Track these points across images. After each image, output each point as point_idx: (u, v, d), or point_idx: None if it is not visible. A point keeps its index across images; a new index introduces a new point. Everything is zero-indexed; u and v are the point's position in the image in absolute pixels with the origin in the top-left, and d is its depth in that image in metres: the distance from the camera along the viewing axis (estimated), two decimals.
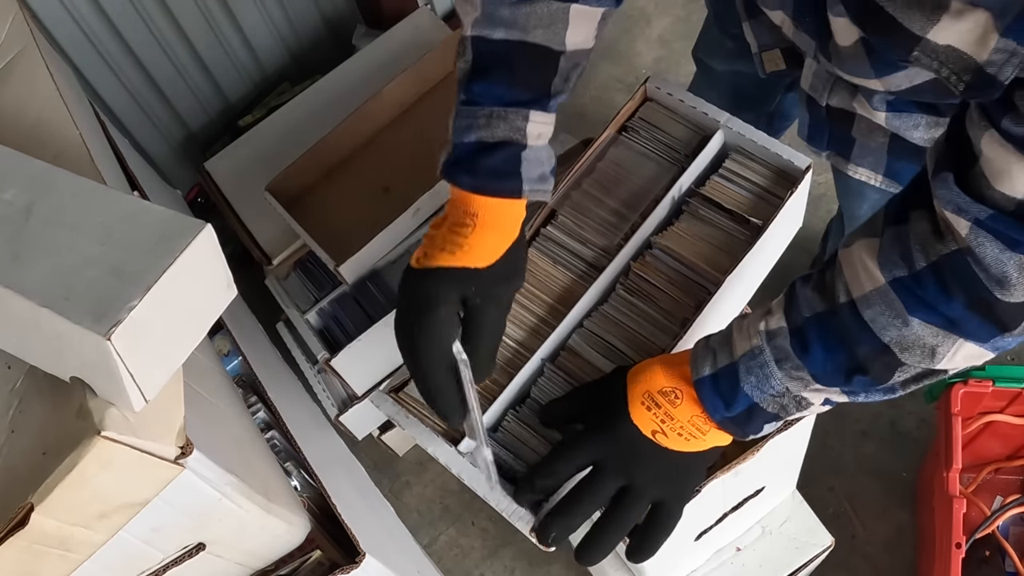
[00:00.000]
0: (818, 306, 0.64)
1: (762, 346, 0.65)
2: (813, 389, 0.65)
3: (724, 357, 0.67)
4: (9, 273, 0.57)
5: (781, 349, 0.65)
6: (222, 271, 0.61)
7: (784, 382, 0.65)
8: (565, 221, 0.85)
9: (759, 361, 0.65)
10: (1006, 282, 0.55)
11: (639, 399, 0.68)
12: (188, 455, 0.63)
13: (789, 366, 0.65)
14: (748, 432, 0.68)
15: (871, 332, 0.61)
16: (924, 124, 0.83)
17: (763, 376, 0.65)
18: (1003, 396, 1.29)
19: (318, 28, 1.72)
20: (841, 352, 0.63)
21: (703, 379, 0.67)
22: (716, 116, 0.86)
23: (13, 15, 0.85)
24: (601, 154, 0.88)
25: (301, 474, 0.96)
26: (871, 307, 0.60)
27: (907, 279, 0.59)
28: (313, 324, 1.31)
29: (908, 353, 0.61)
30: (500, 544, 1.51)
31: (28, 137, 0.75)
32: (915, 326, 0.59)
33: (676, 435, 0.68)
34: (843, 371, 0.63)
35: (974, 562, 1.29)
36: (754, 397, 0.66)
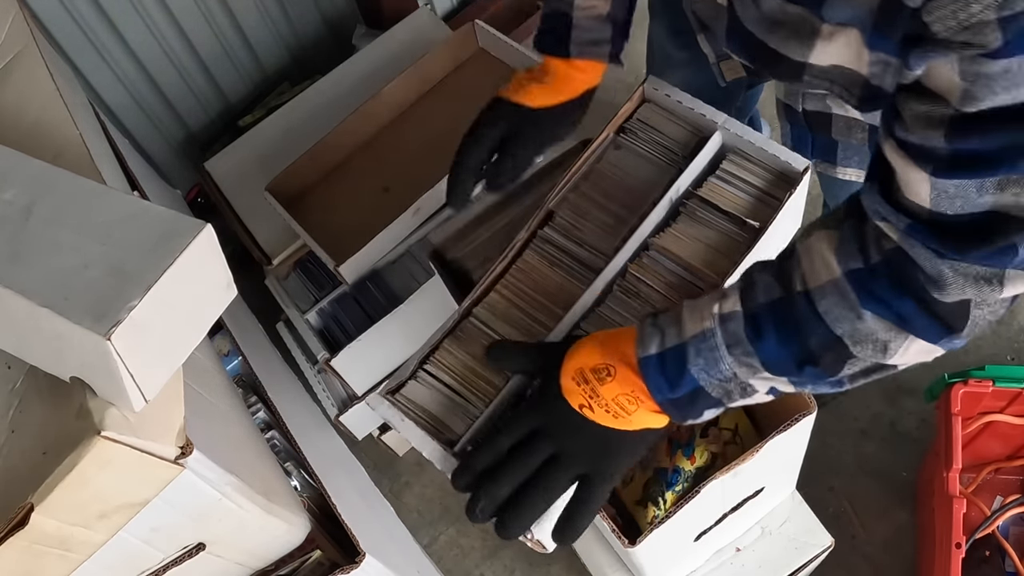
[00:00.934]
0: (775, 293, 0.63)
1: (714, 329, 0.65)
2: (761, 377, 0.65)
3: (672, 337, 0.66)
4: (9, 273, 0.57)
5: (734, 334, 0.64)
6: (222, 271, 0.62)
7: (733, 367, 0.65)
8: (562, 223, 0.85)
9: (710, 344, 0.65)
10: (942, 283, 0.56)
11: (571, 374, 0.69)
12: (188, 455, 0.63)
13: (740, 352, 0.64)
14: (688, 416, 0.68)
15: (825, 324, 0.61)
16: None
17: (712, 360, 0.65)
18: (1003, 396, 1.29)
19: (318, 28, 1.72)
20: (794, 342, 0.62)
21: (649, 358, 0.67)
22: (714, 117, 0.86)
23: (13, 15, 0.85)
24: (599, 156, 0.88)
25: (301, 474, 0.96)
26: (826, 298, 0.60)
27: (862, 272, 0.59)
28: (313, 324, 1.31)
29: (860, 347, 0.61)
30: (500, 544, 1.51)
31: (28, 137, 0.75)
32: (868, 320, 0.59)
33: (602, 411, 0.68)
34: (795, 360, 0.63)
35: (974, 562, 1.29)
36: (700, 380, 0.65)
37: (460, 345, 0.80)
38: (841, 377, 0.63)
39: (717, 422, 1.06)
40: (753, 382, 0.65)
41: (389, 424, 0.77)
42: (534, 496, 0.68)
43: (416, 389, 0.79)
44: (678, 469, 1.03)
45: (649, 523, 0.95)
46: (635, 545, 0.92)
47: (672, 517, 0.92)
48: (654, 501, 1.03)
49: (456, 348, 0.80)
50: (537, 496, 0.68)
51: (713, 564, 1.18)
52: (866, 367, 0.63)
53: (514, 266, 0.84)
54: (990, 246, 0.53)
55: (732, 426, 1.07)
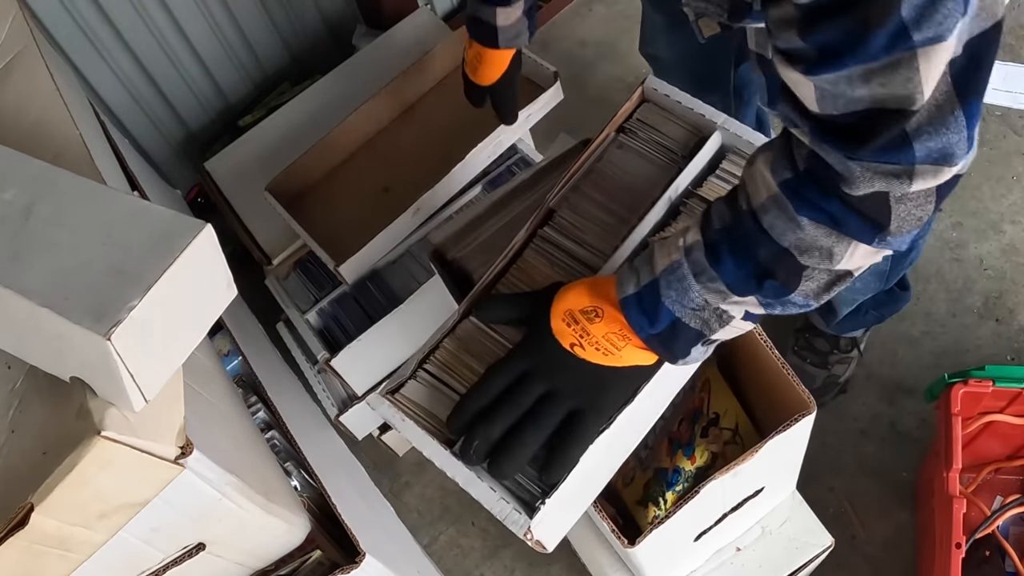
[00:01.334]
0: (727, 218, 0.67)
1: (680, 260, 0.68)
2: (731, 301, 0.68)
3: (646, 275, 0.70)
4: (9, 273, 0.57)
5: (697, 262, 0.68)
6: (222, 271, 0.62)
7: (703, 294, 0.68)
8: (562, 222, 0.85)
9: (678, 275, 0.68)
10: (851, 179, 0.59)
11: (560, 315, 0.73)
12: (188, 455, 0.63)
13: (705, 278, 0.67)
14: (675, 353, 0.71)
15: (771, 238, 0.64)
16: None
17: (682, 289, 0.68)
18: (1003, 396, 1.29)
19: (318, 28, 1.72)
20: (748, 260, 0.65)
21: (628, 298, 0.71)
22: (713, 117, 0.86)
23: (13, 15, 0.85)
24: (600, 155, 0.88)
25: (301, 474, 0.96)
26: (768, 213, 0.63)
27: (792, 180, 0.62)
28: (313, 324, 1.31)
29: (807, 255, 0.63)
30: (500, 544, 1.51)
31: (28, 137, 0.75)
32: (806, 227, 0.62)
33: (593, 349, 0.72)
34: (753, 277, 0.66)
35: (974, 562, 1.28)
36: (675, 312, 0.69)
37: (460, 345, 0.80)
38: (803, 292, 0.66)
39: (717, 422, 1.06)
40: (725, 307, 0.69)
41: (389, 424, 0.77)
42: (526, 433, 0.71)
43: (416, 389, 0.79)
44: (678, 469, 1.03)
45: (649, 523, 0.95)
46: (635, 545, 0.92)
47: (672, 517, 0.92)
48: (654, 501, 1.03)
49: (456, 348, 0.80)
50: (528, 433, 0.71)
51: (713, 564, 1.18)
52: (823, 281, 0.65)
53: (514, 265, 0.84)
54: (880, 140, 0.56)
55: (732, 426, 1.07)
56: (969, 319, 1.59)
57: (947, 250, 1.64)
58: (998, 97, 1.74)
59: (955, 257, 1.64)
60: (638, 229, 0.82)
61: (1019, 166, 1.70)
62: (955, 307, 1.60)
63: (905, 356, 1.57)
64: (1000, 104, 1.74)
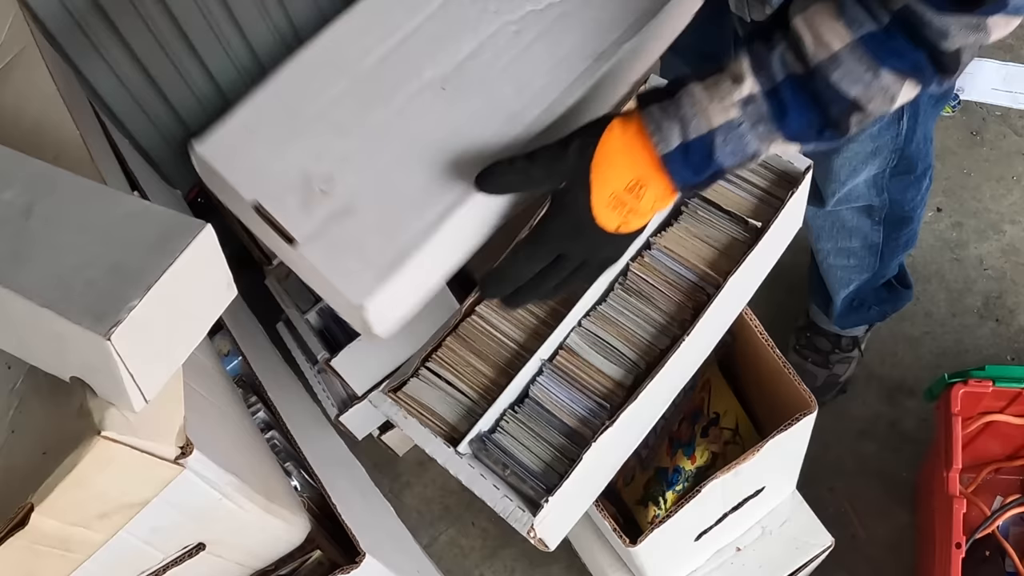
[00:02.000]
0: (794, 67, 0.65)
1: (741, 118, 0.66)
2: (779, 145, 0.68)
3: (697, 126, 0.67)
4: (9, 273, 0.57)
5: (755, 113, 0.66)
6: (222, 271, 0.61)
7: (755, 144, 0.67)
8: None
9: (739, 131, 0.67)
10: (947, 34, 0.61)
11: (605, 201, 0.69)
12: (188, 455, 0.63)
13: (763, 129, 0.67)
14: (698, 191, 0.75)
15: (838, 91, 0.64)
16: None
17: (740, 145, 0.67)
18: (1003, 396, 1.28)
19: (318, 28, 1.71)
20: (814, 110, 0.65)
21: (673, 153, 0.67)
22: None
23: (13, 15, 0.85)
24: None
25: (301, 474, 0.96)
26: (841, 66, 0.63)
27: (877, 33, 0.62)
28: (313, 324, 1.31)
29: (872, 102, 0.65)
30: (500, 544, 1.51)
31: (28, 137, 0.75)
32: (884, 76, 0.63)
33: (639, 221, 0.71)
34: (815, 128, 0.66)
35: (974, 562, 1.28)
36: (725, 163, 0.68)
37: (462, 343, 0.80)
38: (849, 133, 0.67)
39: (718, 422, 1.06)
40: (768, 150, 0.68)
41: (392, 422, 0.77)
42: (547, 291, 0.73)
43: (419, 387, 0.79)
44: (679, 469, 1.03)
45: (650, 523, 0.95)
46: (636, 545, 0.92)
47: (673, 517, 0.92)
48: (655, 501, 1.03)
49: (458, 346, 0.80)
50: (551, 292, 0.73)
51: (713, 564, 1.18)
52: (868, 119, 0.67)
53: None
54: None
55: (732, 426, 1.07)
56: (969, 319, 1.59)
57: (947, 250, 1.64)
58: (998, 97, 1.74)
59: (955, 257, 1.64)
60: None
61: (1019, 166, 1.70)
62: (955, 307, 1.60)
63: (905, 356, 1.57)
64: (1000, 104, 1.74)
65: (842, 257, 1.31)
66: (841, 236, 1.27)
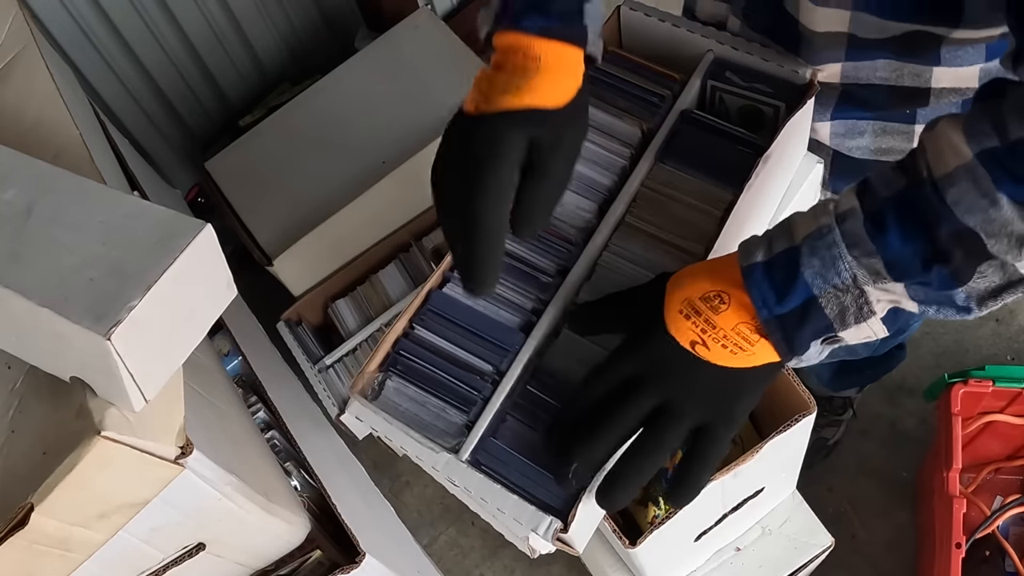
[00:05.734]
0: (898, 184, 0.56)
1: (831, 225, 0.57)
2: (882, 286, 0.57)
3: (782, 242, 0.58)
4: (9, 273, 0.57)
5: (852, 232, 0.56)
6: (222, 271, 0.61)
7: (853, 268, 0.56)
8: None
9: (827, 241, 0.57)
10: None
11: (677, 307, 0.60)
12: (188, 455, 0.63)
13: (859, 252, 0.56)
14: (794, 344, 0.59)
15: (953, 214, 0.54)
16: (870, 131, 0.81)
17: (829, 259, 0.57)
18: (1003, 396, 1.29)
19: (318, 28, 1.72)
20: (921, 236, 0.55)
21: (755, 266, 0.58)
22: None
23: (13, 15, 0.85)
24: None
25: (301, 474, 0.96)
26: (955, 185, 0.53)
27: (998, 150, 0.52)
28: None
29: (995, 240, 0.54)
30: (500, 544, 1.51)
31: (28, 137, 0.75)
32: (1004, 206, 0.52)
33: (719, 347, 0.59)
34: (921, 258, 0.55)
35: (974, 562, 1.28)
36: (814, 287, 0.57)
37: None
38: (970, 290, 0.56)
39: None
40: (872, 294, 0.57)
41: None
42: (640, 458, 0.59)
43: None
44: None
45: (649, 523, 0.95)
46: (636, 546, 0.92)
47: (672, 517, 0.92)
48: (654, 501, 1.03)
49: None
50: (644, 458, 0.59)
51: (713, 564, 1.18)
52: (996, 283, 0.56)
53: None
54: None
55: None
56: (969, 319, 1.59)
57: None
58: None
59: None
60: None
61: None
62: None
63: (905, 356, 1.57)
64: None
65: None
66: None
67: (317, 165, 1.37)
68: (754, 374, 0.60)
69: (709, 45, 0.81)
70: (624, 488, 0.60)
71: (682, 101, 0.79)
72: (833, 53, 0.75)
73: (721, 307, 0.59)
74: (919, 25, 0.69)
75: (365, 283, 1.40)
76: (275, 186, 1.36)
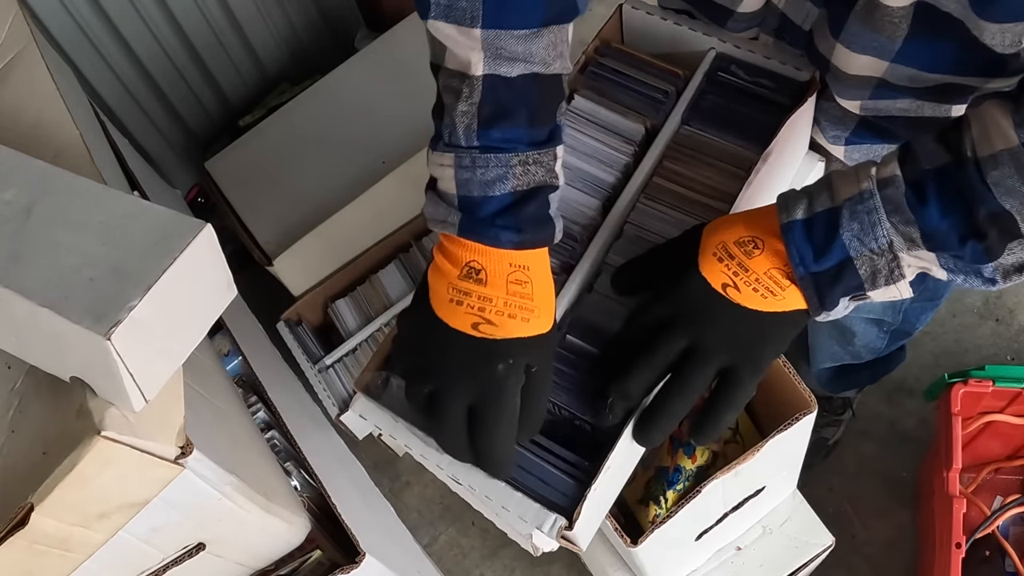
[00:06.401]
0: (941, 159, 0.57)
1: (872, 190, 0.58)
2: (915, 253, 0.59)
3: (823, 201, 0.60)
4: (9, 273, 0.57)
5: (892, 199, 0.58)
6: (222, 271, 0.61)
7: (890, 235, 0.58)
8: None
9: (868, 206, 0.58)
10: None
11: (711, 250, 0.62)
12: (188, 455, 0.63)
13: (899, 219, 0.58)
14: (825, 300, 0.60)
15: (992, 195, 0.55)
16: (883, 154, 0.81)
17: (869, 224, 0.58)
18: (1003, 396, 1.29)
19: (318, 28, 1.72)
20: (959, 212, 0.56)
21: (794, 223, 0.60)
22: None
23: (13, 15, 0.85)
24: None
25: (301, 474, 0.96)
26: (998, 167, 0.55)
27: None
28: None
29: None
30: (500, 544, 1.51)
31: (28, 137, 0.75)
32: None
33: (751, 290, 0.61)
34: (958, 233, 0.57)
35: (974, 562, 1.28)
36: (850, 249, 0.59)
37: None
38: (999, 265, 0.58)
39: None
40: (905, 259, 0.59)
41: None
42: (673, 399, 0.62)
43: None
44: (679, 468, 1.03)
45: (650, 522, 0.95)
46: (638, 545, 0.92)
47: (673, 517, 0.92)
48: (655, 500, 1.03)
49: None
50: (676, 399, 0.61)
51: (714, 563, 1.18)
52: (1022, 259, 0.58)
53: None
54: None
55: (733, 425, 1.07)
56: (969, 319, 1.59)
57: None
58: None
59: None
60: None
61: None
62: (955, 307, 1.60)
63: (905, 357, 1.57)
64: None
65: (837, 346, 1.26)
66: (843, 338, 1.23)
67: (317, 165, 1.37)
68: (782, 319, 0.61)
69: (711, 43, 0.81)
70: (658, 427, 0.62)
71: (685, 97, 0.79)
72: (859, 92, 0.75)
73: (755, 252, 0.61)
74: (958, 79, 0.69)
75: (365, 283, 1.40)
76: (275, 186, 1.36)
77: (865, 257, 0.59)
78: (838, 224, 0.59)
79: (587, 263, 0.73)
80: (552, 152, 0.62)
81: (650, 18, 0.82)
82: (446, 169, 0.61)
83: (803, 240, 0.60)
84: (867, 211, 0.58)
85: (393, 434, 0.70)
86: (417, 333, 0.64)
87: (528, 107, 0.60)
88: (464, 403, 0.62)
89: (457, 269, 0.61)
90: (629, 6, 0.83)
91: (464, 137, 0.60)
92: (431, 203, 0.62)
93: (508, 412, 0.62)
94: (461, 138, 0.60)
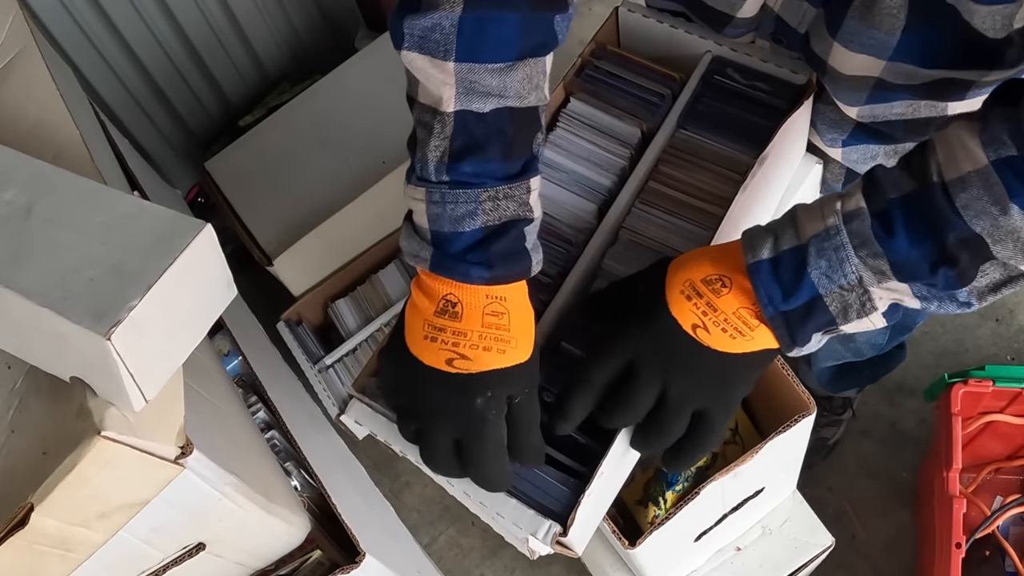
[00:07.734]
0: (906, 186, 0.56)
1: (838, 226, 0.57)
2: (887, 286, 0.58)
3: (789, 239, 0.59)
4: (9, 273, 0.57)
5: (859, 233, 0.57)
6: (222, 271, 0.61)
7: (859, 270, 0.57)
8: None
9: (835, 243, 0.57)
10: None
11: (679, 288, 0.61)
12: (188, 455, 0.63)
13: (867, 253, 0.57)
14: (796, 337, 0.60)
15: (962, 219, 0.54)
16: (883, 154, 0.81)
17: (837, 261, 0.57)
18: (1003, 396, 1.28)
19: (318, 28, 1.72)
20: (928, 239, 0.55)
21: (761, 263, 0.59)
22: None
23: (13, 15, 0.85)
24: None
25: (301, 474, 0.96)
26: (967, 190, 0.54)
27: (1016, 160, 0.52)
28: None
29: (1000, 245, 0.54)
30: (500, 544, 1.51)
31: (28, 137, 0.75)
32: (1014, 215, 0.53)
33: (720, 331, 0.60)
34: (928, 261, 0.56)
35: (974, 562, 1.28)
36: (819, 287, 0.58)
37: None
38: (973, 288, 0.57)
39: None
40: (876, 292, 0.58)
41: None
42: (650, 441, 0.63)
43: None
44: None
45: (649, 523, 0.95)
46: (636, 546, 0.92)
47: (673, 518, 0.92)
48: (654, 501, 1.03)
49: None
50: (652, 440, 0.63)
51: (714, 564, 1.18)
52: (997, 278, 0.57)
53: None
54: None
55: (732, 426, 1.07)
56: (969, 319, 1.59)
57: None
58: None
59: None
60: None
61: None
62: None
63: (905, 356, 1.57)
64: None
65: (838, 344, 1.26)
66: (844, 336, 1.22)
67: (317, 165, 1.37)
68: (751, 360, 0.61)
69: (707, 46, 0.81)
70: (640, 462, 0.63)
71: (681, 100, 0.80)
72: (856, 95, 0.75)
73: (723, 291, 0.60)
74: (953, 72, 0.69)
75: (365, 283, 1.40)
76: (275, 186, 1.36)
77: (835, 294, 0.58)
78: (805, 262, 0.58)
79: (582, 267, 0.73)
80: (525, 185, 0.61)
81: (646, 21, 0.82)
82: (419, 203, 0.61)
83: (770, 280, 0.59)
84: (834, 248, 0.58)
85: (389, 440, 0.70)
86: (395, 371, 0.64)
87: (501, 141, 0.60)
88: (449, 438, 0.62)
89: (433, 303, 0.61)
90: (625, 8, 0.83)
91: (435, 172, 0.60)
92: (406, 235, 0.62)
93: (491, 443, 0.62)
94: (432, 173, 0.60)
